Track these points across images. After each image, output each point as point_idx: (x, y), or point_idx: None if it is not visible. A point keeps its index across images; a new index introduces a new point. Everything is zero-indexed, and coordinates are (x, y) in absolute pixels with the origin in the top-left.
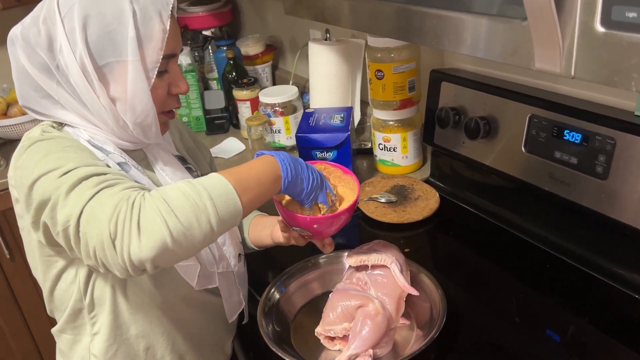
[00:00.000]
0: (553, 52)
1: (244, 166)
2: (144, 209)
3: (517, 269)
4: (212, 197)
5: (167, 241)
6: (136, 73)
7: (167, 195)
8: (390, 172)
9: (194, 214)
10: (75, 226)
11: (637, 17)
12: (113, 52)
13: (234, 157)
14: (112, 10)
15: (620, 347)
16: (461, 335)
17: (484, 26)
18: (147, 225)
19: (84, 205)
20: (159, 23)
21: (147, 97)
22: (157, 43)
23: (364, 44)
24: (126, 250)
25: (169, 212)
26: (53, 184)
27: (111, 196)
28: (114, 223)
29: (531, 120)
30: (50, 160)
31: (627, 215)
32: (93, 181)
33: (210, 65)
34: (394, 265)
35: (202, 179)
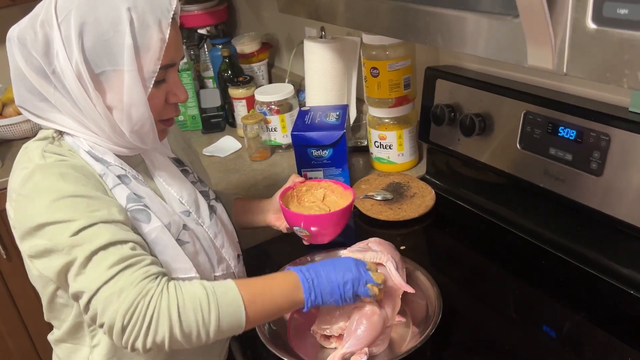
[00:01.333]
0: (545, 49)
1: (267, 283)
2: (157, 313)
3: (512, 266)
4: (220, 313)
5: (166, 343)
6: (132, 83)
7: (182, 302)
8: (386, 169)
9: (196, 326)
10: (88, 300)
11: (628, 14)
12: (109, 60)
13: (230, 156)
14: (109, 18)
15: (616, 342)
16: (457, 331)
17: (476, 23)
18: (156, 328)
19: (101, 285)
20: (158, 32)
21: (144, 106)
22: (154, 53)
23: (360, 42)
24: (131, 341)
25: (177, 321)
26: (64, 240)
27: (131, 286)
28: (128, 319)
29: (526, 117)
30: (61, 207)
31: (622, 211)
32: (112, 256)
33: (205, 63)
34: (390, 263)
35: (220, 290)
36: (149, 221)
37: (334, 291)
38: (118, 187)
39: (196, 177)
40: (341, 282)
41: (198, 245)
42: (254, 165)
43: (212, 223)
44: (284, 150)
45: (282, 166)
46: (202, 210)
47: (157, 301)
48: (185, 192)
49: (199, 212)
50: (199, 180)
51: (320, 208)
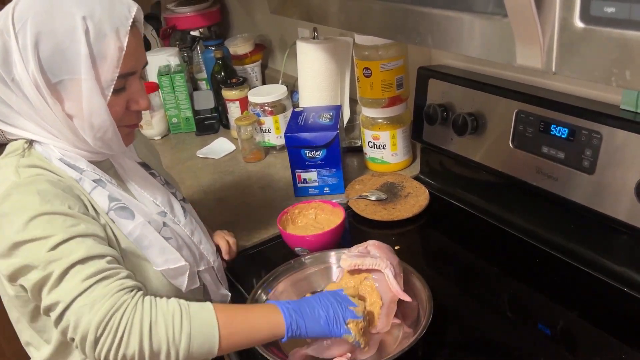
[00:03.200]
0: (534, 49)
1: (245, 310)
2: (130, 325)
3: (506, 264)
4: (192, 332)
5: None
6: (91, 91)
7: (155, 316)
8: (380, 169)
9: (166, 343)
10: (61, 311)
11: (615, 12)
12: (66, 69)
13: (224, 158)
14: (64, 28)
15: (610, 340)
16: (451, 331)
17: (466, 23)
18: (127, 341)
19: (75, 297)
20: (115, 41)
21: (105, 113)
22: (112, 61)
23: (352, 42)
24: (104, 353)
25: (147, 335)
26: (42, 256)
27: (105, 297)
28: (101, 331)
29: (518, 116)
30: (38, 225)
31: (615, 208)
32: (88, 269)
33: (199, 65)
34: (388, 270)
35: (195, 309)
36: (133, 218)
37: (320, 318)
38: (96, 190)
39: (163, 179)
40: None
41: (180, 241)
42: (248, 166)
43: (187, 221)
44: (278, 152)
45: (276, 167)
46: (176, 210)
47: (131, 313)
48: (158, 193)
49: (174, 211)
50: (165, 182)
51: (315, 227)
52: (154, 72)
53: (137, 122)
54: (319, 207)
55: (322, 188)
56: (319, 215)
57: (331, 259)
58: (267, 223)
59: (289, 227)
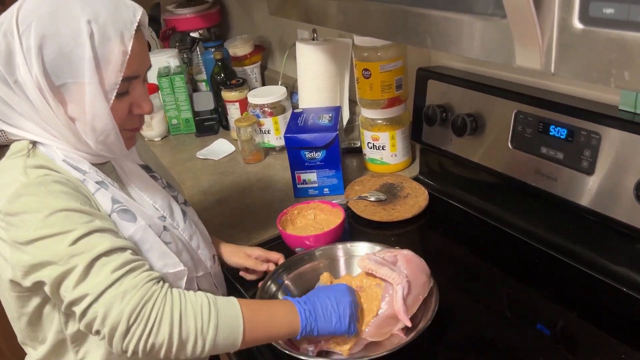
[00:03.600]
0: (533, 49)
1: (268, 307)
2: (161, 314)
3: (506, 264)
4: (219, 324)
5: (164, 348)
6: (94, 95)
7: (184, 306)
8: (379, 170)
9: (194, 333)
10: (88, 305)
11: (614, 13)
12: (70, 73)
13: (224, 159)
14: (69, 31)
15: (609, 340)
16: (451, 330)
17: (464, 24)
18: (158, 330)
19: (105, 289)
20: (119, 45)
21: (108, 117)
22: (116, 65)
23: (351, 43)
24: (133, 343)
25: (177, 324)
26: (62, 251)
27: (134, 288)
28: (133, 320)
29: (517, 117)
30: (55, 221)
31: (614, 209)
32: (115, 261)
33: (198, 66)
34: (400, 287)
35: (222, 302)
36: (135, 220)
37: (332, 319)
38: (100, 192)
39: (164, 182)
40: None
41: (180, 246)
42: (247, 167)
43: (187, 225)
44: (277, 153)
45: (275, 168)
46: (175, 214)
47: (162, 303)
48: (159, 196)
49: (173, 215)
50: (167, 185)
51: (315, 227)
52: (153, 73)
53: (140, 125)
54: (317, 207)
55: (321, 189)
56: (318, 215)
57: (339, 252)
58: (267, 224)
59: (289, 227)
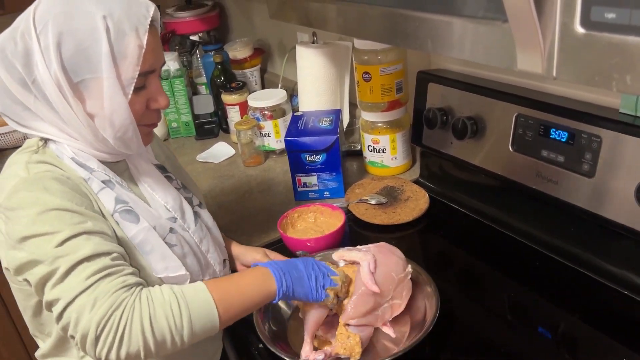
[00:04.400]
0: (534, 54)
1: (236, 280)
2: (130, 324)
3: (507, 268)
4: (192, 316)
5: (142, 354)
6: (112, 89)
7: (153, 310)
8: (379, 173)
9: (169, 332)
10: (62, 308)
11: (616, 18)
12: (88, 69)
13: (224, 162)
14: (85, 27)
15: (611, 342)
16: (453, 333)
17: (466, 28)
18: (129, 339)
19: (78, 294)
20: (135, 39)
21: (126, 112)
22: (132, 59)
23: (351, 46)
24: (105, 352)
25: (149, 329)
26: (48, 251)
27: (106, 295)
28: (101, 329)
29: (518, 120)
30: (46, 220)
31: (615, 212)
32: (93, 266)
33: (198, 70)
34: (365, 262)
35: (189, 292)
36: (138, 222)
37: (304, 282)
38: (104, 191)
39: (179, 183)
40: (310, 273)
41: (186, 249)
42: (247, 170)
43: (197, 228)
44: (277, 156)
45: (275, 171)
46: (187, 216)
47: (130, 312)
48: (170, 197)
49: (184, 217)
50: (182, 186)
51: (315, 230)
52: None
53: (157, 121)
54: (318, 210)
55: (322, 192)
56: (319, 218)
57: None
58: (268, 227)
59: (289, 230)
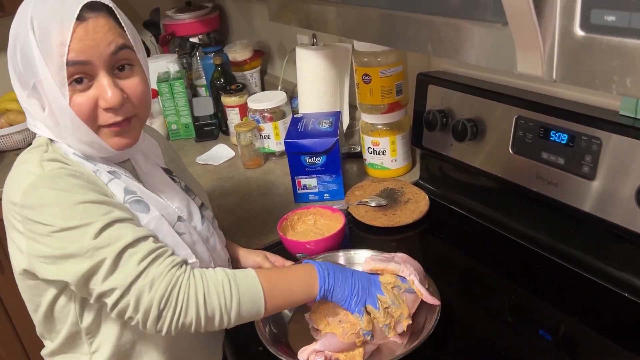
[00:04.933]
0: (534, 56)
1: (284, 273)
2: (187, 298)
3: (507, 270)
4: (241, 299)
5: (193, 325)
6: (51, 91)
7: (208, 288)
8: (380, 175)
9: (219, 310)
10: (119, 296)
11: (615, 21)
12: (32, 72)
13: (224, 164)
14: (22, 32)
15: (611, 345)
16: (453, 336)
17: (465, 31)
18: (186, 312)
19: (133, 280)
20: (57, 36)
21: (69, 113)
22: (58, 58)
23: (351, 48)
24: (166, 326)
25: (203, 305)
26: (87, 244)
27: (161, 276)
28: (164, 305)
29: (518, 122)
30: (75, 214)
31: (615, 214)
32: (140, 251)
33: (198, 72)
34: (413, 276)
35: (240, 276)
36: (148, 211)
37: (346, 289)
38: (113, 182)
39: (184, 185)
40: (356, 282)
41: (195, 237)
42: (247, 173)
43: (204, 227)
44: (277, 158)
45: (275, 174)
46: (194, 215)
47: (186, 288)
48: (177, 198)
49: (192, 216)
50: (187, 189)
51: (315, 232)
52: (153, 78)
53: (115, 121)
54: (317, 212)
55: (322, 194)
56: (318, 220)
57: (340, 260)
58: (267, 229)
59: (289, 233)
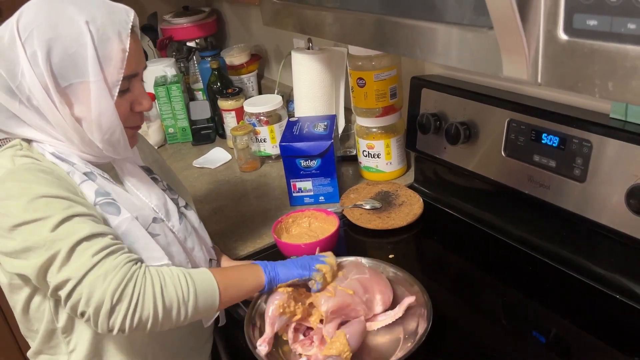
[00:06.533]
0: (519, 60)
1: (232, 268)
2: (143, 291)
3: (500, 272)
4: (197, 290)
5: (150, 321)
6: (99, 92)
7: (164, 281)
8: (374, 178)
9: (177, 302)
10: (72, 287)
11: (597, 25)
12: (75, 73)
13: (221, 167)
14: (71, 33)
15: (604, 347)
16: (447, 339)
17: (453, 35)
18: (142, 306)
19: (86, 271)
20: (118, 43)
21: (113, 114)
22: (117, 63)
23: (346, 52)
24: (119, 321)
25: (160, 297)
26: (44, 236)
27: (115, 269)
28: (117, 298)
29: (510, 125)
30: (36, 207)
31: (606, 216)
32: (95, 245)
33: (195, 76)
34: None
35: (194, 272)
36: (119, 213)
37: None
38: (85, 183)
39: (165, 185)
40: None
41: (170, 238)
42: (244, 176)
43: (182, 227)
44: (273, 161)
45: (272, 177)
46: (171, 215)
47: (142, 281)
48: (154, 196)
49: (169, 215)
50: (168, 188)
51: (309, 235)
52: (150, 82)
53: (140, 123)
54: (312, 215)
55: (317, 197)
56: (313, 223)
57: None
58: (263, 232)
59: (284, 235)
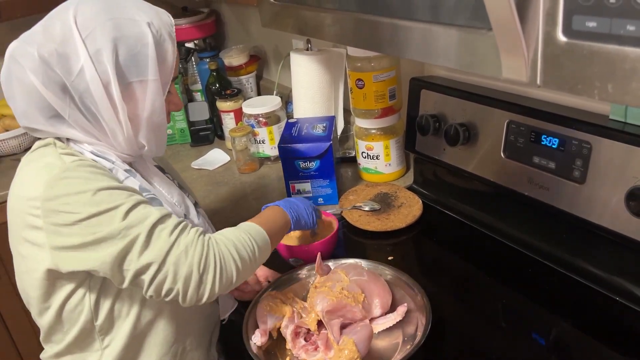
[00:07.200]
0: (518, 62)
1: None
2: (222, 255)
3: (500, 274)
4: (257, 241)
5: (234, 277)
6: (155, 91)
7: (234, 244)
8: (374, 179)
9: (248, 257)
10: (156, 270)
11: (596, 27)
12: (136, 72)
13: (219, 168)
14: (135, 33)
15: (603, 348)
16: (446, 341)
17: (452, 37)
18: (226, 269)
19: (167, 251)
20: (171, 45)
21: (164, 112)
22: (170, 64)
23: (345, 53)
24: (208, 289)
25: (237, 256)
26: (117, 225)
27: (192, 243)
28: (203, 268)
29: (509, 126)
30: (101, 200)
31: (605, 218)
32: (168, 226)
33: (193, 77)
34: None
35: (244, 227)
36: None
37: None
38: (129, 179)
39: (177, 183)
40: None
41: None
42: (242, 177)
43: (201, 222)
44: (272, 162)
45: (270, 178)
46: (191, 211)
47: (217, 248)
48: (175, 193)
49: (189, 212)
50: (179, 186)
51: (308, 237)
52: None
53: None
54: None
55: (316, 199)
56: None
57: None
58: None
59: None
